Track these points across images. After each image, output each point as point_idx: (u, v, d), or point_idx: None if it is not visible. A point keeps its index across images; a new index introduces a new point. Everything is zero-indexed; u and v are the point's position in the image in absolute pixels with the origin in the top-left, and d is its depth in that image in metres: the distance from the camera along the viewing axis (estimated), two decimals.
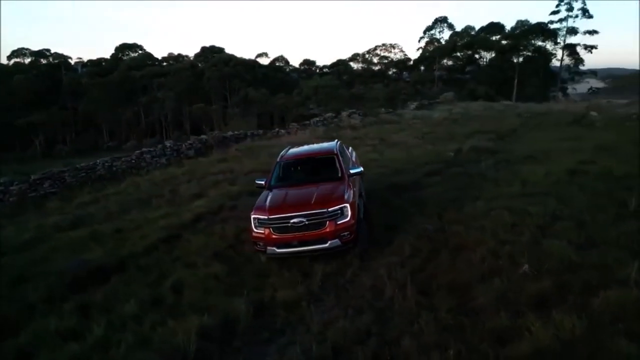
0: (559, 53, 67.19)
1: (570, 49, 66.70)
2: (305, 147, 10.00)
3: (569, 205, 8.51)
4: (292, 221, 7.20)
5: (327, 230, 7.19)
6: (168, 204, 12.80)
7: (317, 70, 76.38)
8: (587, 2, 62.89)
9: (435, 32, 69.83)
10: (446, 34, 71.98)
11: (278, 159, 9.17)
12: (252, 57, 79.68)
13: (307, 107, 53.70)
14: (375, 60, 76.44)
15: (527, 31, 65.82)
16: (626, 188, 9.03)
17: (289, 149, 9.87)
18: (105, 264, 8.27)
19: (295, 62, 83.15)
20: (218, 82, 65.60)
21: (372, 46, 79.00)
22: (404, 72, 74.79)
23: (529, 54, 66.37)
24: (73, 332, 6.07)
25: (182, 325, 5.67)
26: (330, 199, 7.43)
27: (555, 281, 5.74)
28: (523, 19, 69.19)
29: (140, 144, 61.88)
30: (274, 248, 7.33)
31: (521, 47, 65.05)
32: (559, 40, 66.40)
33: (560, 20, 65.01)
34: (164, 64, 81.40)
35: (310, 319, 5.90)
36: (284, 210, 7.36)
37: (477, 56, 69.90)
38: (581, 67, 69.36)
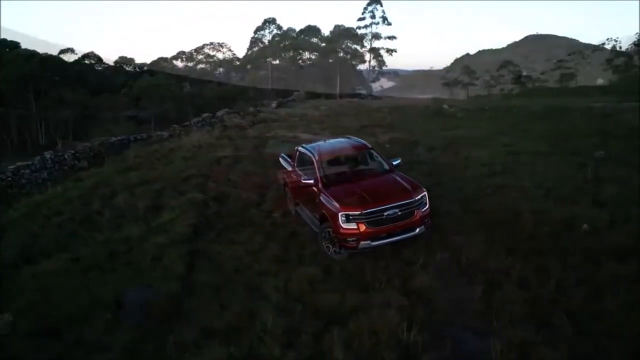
0: (367, 55, 76.11)
1: (375, 52, 76.00)
2: (328, 144, 9.85)
3: (545, 178, 10.52)
4: (386, 213, 7.46)
5: (417, 218, 7.66)
6: (126, 221, 11.11)
7: (136, 69, 70.53)
8: (385, 10, 72.56)
9: (266, 33, 71.55)
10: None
11: (316, 157, 8.95)
12: (55, 53, 68.77)
13: (141, 107, 49.44)
14: (201, 58, 74.44)
15: (341, 35, 72.88)
16: (565, 163, 11.57)
17: (305, 146, 9.75)
18: (169, 290, 7.13)
19: (109, 59, 74.51)
20: (17, 83, 55.18)
21: (200, 44, 76.79)
22: (232, 72, 74.77)
23: (344, 55, 73.52)
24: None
25: (373, 326, 5.59)
26: (412, 188, 7.89)
27: (618, 234, 7.37)
28: (339, 23, 76.35)
29: None
30: (369, 241, 7.47)
31: (338, 50, 71.69)
32: (365, 44, 75.18)
33: (366, 26, 73.75)
34: None
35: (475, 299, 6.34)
36: (375, 203, 7.51)
37: (298, 57, 74.11)
38: (384, 68, 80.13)
